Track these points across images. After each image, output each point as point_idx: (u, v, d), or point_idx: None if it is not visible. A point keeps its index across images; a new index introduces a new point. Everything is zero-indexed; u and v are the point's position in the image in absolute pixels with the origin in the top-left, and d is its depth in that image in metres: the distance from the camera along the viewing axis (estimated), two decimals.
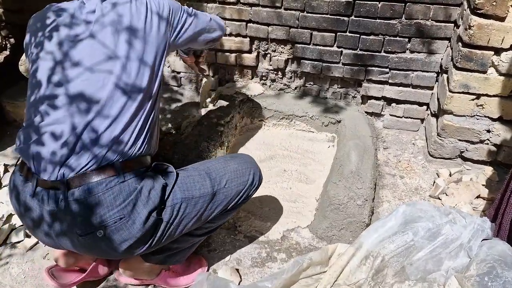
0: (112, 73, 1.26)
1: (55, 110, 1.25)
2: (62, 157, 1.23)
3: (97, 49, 1.28)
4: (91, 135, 1.24)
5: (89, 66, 1.26)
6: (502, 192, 1.62)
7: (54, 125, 1.24)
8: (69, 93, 1.25)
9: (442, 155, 2.35)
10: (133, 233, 1.26)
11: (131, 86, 1.28)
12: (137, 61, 1.30)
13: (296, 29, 2.45)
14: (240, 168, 1.55)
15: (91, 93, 1.24)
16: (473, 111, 2.17)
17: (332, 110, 2.56)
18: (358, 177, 1.96)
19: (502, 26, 1.90)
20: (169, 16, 1.44)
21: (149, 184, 1.30)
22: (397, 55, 2.39)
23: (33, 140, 1.26)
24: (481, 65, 2.03)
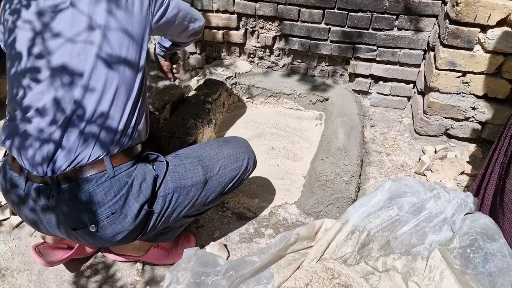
0: (93, 43, 1.21)
1: (37, 84, 1.21)
2: (52, 140, 1.19)
3: (77, 19, 1.22)
4: (79, 112, 1.20)
5: (69, 37, 1.21)
6: (485, 167, 1.65)
7: (38, 101, 1.21)
8: (51, 66, 1.20)
9: (428, 133, 2.38)
10: (125, 226, 1.26)
11: (114, 57, 1.24)
12: (118, 30, 1.24)
13: (284, 6, 2.43)
14: (234, 154, 1.53)
15: (74, 66, 1.20)
16: (459, 88, 2.19)
17: (320, 88, 2.56)
18: (345, 154, 1.98)
19: (489, 3, 1.91)
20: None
21: (140, 177, 1.28)
22: (385, 32, 2.38)
23: (19, 119, 1.22)
24: (468, 42, 2.04)
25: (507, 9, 1.90)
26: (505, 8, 1.90)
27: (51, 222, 1.26)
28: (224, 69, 2.65)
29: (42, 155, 1.20)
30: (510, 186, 1.43)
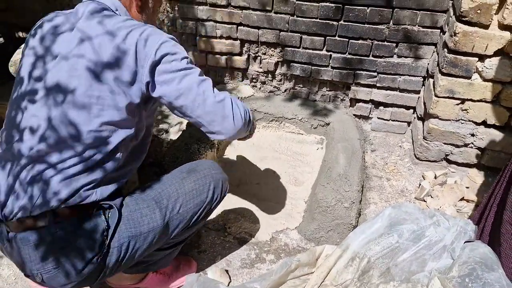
0: (83, 56, 1.19)
1: (33, 104, 1.21)
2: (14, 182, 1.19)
3: (73, 37, 1.22)
4: (70, 130, 1.19)
5: (64, 54, 1.21)
6: (487, 198, 1.67)
7: (32, 120, 1.21)
8: (46, 85, 1.21)
9: (428, 158, 2.40)
10: (72, 279, 1.21)
11: (102, 65, 1.19)
12: (110, 43, 1.20)
13: (286, 33, 2.49)
14: (197, 187, 1.42)
15: (67, 83, 1.19)
16: (458, 115, 2.22)
17: (321, 113, 2.60)
18: (345, 180, 2.00)
19: (486, 34, 1.96)
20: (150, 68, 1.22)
21: (87, 232, 1.20)
22: (385, 59, 2.43)
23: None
24: (466, 71, 2.08)
25: (504, 40, 1.94)
26: (502, 38, 1.94)
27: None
28: None
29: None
30: (507, 217, 1.45)
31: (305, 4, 2.36)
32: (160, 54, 1.20)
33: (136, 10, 1.38)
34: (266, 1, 2.40)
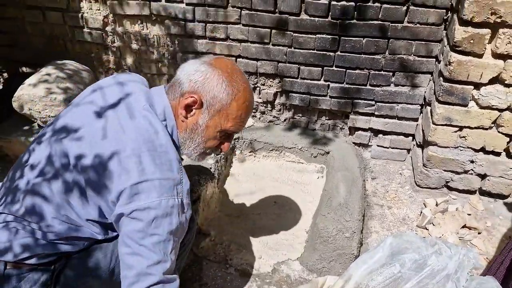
0: (92, 102, 1.28)
1: (39, 145, 1.28)
2: None
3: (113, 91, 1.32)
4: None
5: (76, 102, 1.32)
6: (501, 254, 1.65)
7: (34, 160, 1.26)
8: (55, 128, 1.28)
9: (429, 185, 2.40)
10: None
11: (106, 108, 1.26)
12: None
13: (284, 64, 2.53)
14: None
15: (72, 123, 1.26)
16: (457, 142, 2.24)
17: (321, 142, 2.62)
18: (346, 209, 2.00)
19: (480, 63, 1.99)
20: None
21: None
22: (382, 88, 2.47)
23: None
24: (462, 99, 2.10)
25: (498, 68, 1.98)
26: (496, 67, 1.98)
27: None
28: None
29: None
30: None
31: (302, 36, 2.41)
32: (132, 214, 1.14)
33: (182, 123, 1.32)
34: (264, 34, 2.46)
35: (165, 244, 1.15)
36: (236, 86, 1.29)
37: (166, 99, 1.30)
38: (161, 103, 1.29)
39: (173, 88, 1.31)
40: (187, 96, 1.27)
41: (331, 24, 2.33)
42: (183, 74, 1.29)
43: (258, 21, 2.43)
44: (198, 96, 1.26)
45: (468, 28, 1.93)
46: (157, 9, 2.54)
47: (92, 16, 2.69)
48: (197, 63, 1.30)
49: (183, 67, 1.31)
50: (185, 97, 1.27)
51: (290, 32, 2.42)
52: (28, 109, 2.37)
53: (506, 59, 1.96)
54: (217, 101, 1.28)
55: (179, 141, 1.34)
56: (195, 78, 1.26)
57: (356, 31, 2.32)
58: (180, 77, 1.29)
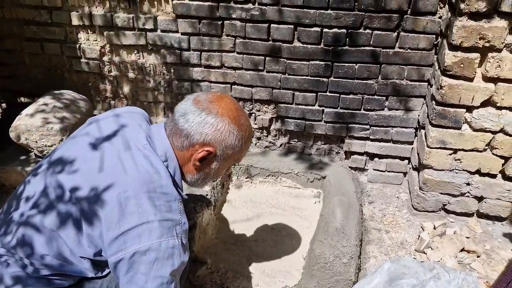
0: (88, 134, 1.31)
1: (34, 177, 1.29)
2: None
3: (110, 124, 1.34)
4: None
5: (73, 135, 1.34)
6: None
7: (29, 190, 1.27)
8: (50, 160, 1.29)
9: (426, 208, 2.40)
10: None
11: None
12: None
13: (278, 90, 2.56)
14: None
15: (68, 155, 1.27)
16: (452, 165, 2.24)
17: (317, 166, 2.63)
18: (343, 235, 1.99)
19: (471, 86, 2.02)
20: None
21: None
22: (376, 112, 2.49)
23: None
24: (455, 122, 2.12)
25: (489, 91, 2.00)
26: (487, 90, 2.00)
27: None
28: None
29: None
30: None
31: (295, 63, 2.45)
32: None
33: (193, 168, 1.35)
34: (258, 61, 2.50)
35: (168, 285, 1.15)
36: (244, 129, 1.32)
37: (167, 142, 1.30)
38: (161, 145, 1.30)
39: (178, 137, 1.29)
40: (198, 148, 1.28)
41: (323, 51, 2.37)
42: (188, 125, 1.27)
43: (252, 49, 2.47)
44: (213, 149, 1.28)
45: (457, 53, 1.97)
46: (153, 39, 2.58)
47: (89, 46, 2.74)
48: (201, 113, 1.27)
49: (187, 117, 1.27)
50: (196, 148, 1.28)
51: (284, 59, 2.46)
52: (25, 139, 2.38)
53: (496, 82, 1.99)
54: (230, 149, 1.31)
55: (188, 180, 1.38)
56: (205, 131, 1.26)
57: (349, 57, 2.36)
58: (186, 128, 1.27)
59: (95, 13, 2.61)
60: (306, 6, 2.29)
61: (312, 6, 2.28)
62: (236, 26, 2.43)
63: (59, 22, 2.72)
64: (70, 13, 2.66)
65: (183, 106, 1.30)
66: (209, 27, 2.47)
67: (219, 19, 2.44)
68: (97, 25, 2.65)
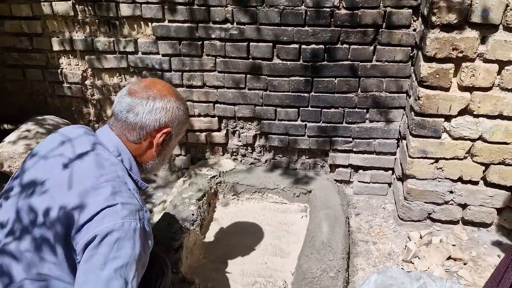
0: (63, 155, 1.24)
1: (6, 201, 1.25)
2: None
3: (55, 139, 1.31)
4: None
5: (43, 154, 1.27)
6: None
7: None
8: (22, 183, 1.25)
9: (411, 218, 2.41)
10: None
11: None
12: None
13: (261, 107, 2.59)
14: None
15: (40, 177, 1.23)
16: (434, 174, 2.27)
17: (302, 181, 2.64)
18: (329, 248, 2.00)
19: (447, 96, 2.06)
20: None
21: None
22: (358, 125, 2.52)
23: None
24: (435, 132, 2.16)
25: (465, 100, 2.04)
26: (463, 99, 2.04)
27: None
28: (209, 168, 2.74)
29: None
30: None
31: (276, 80, 2.48)
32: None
33: (154, 154, 1.37)
34: (239, 80, 2.52)
35: (127, 269, 1.11)
36: (184, 101, 1.40)
37: (116, 138, 1.31)
38: (111, 142, 1.31)
39: (132, 131, 1.31)
40: (155, 134, 1.32)
41: (303, 67, 2.41)
42: (140, 117, 1.29)
43: (233, 68, 2.50)
44: (170, 129, 1.34)
45: (432, 64, 2.01)
46: (134, 61, 2.60)
47: (71, 71, 2.75)
48: (147, 102, 1.30)
49: (135, 111, 1.29)
50: (154, 135, 1.32)
51: (265, 76, 2.49)
52: (8, 166, 2.37)
53: (472, 91, 2.03)
54: (181, 123, 1.39)
55: (149, 168, 1.39)
56: (158, 116, 1.31)
57: (328, 72, 2.40)
58: (139, 120, 1.30)
59: (76, 38, 2.63)
60: (283, 24, 2.33)
61: (289, 23, 2.32)
62: (216, 45, 2.46)
63: (40, 48, 2.73)
64: (50, 39, 2.68)
65: (124, 103, 1.31)
66: (189, 47, 2.49)
67: (199, 40, 2.47)
68: (78, 50, 2.66)
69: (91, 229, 1.11)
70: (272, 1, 2.28)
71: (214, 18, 2.39)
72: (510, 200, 2.23)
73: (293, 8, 2.28)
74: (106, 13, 2.50)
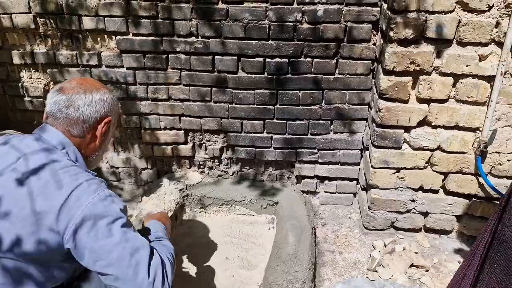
0: (15, 170, 1.20)
1: None
2: None
3: (9, 153, 1.25)
4: None
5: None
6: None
7: None
8: None
9: (376, 227, 2.46)
10: None
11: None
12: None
13: (227, 120, 2.60)
14: None
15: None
16: (396, 183, 2.33)
17: (269, 193, 2.66)
18: (295, 259, 2.01)
19: (406, 108, 2.12)
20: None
21: None
22: (323, 136, 2.57)
23: None
24: (395, 142, 2.22)
25: (424, 112, 2.12)
26: (422, 111, 2.12)
27: None
28: (176, 182, 2.72)
29: None
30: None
31: (241, 92, 2.50)
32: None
33: (97, 145, 1.40)
34: (204, 93, 2.53)
35: (127, 221, 1.23)
36: (111, 90, 1.50)
37: (59, 133, 1.31)
38: (54, 137, 1.30)
39: (76, 125, 1.33)
40: (97, 125, 1.37)
41: (267, 80, 2.44)
42: (81, 111, 1.32)
43: (198, 81, 2.51)
44: (110, 118, 1.40)
45: (391, 77, 2.07)
46: (98, 75, 2.57)
47: (32, 84, 2.69)
48: (85, 95, 1.33)
49: (75, 105, 1.31)
50: (96, 126, 1.37)
51: (230, 89, 2.50)
52: None
53: (429, 103, 2.11)
54: (116, 112, 1.46)
55: (92, 160, 1.44)
56: (98, 107, 1.35)
57: (292, 84, 2.44)
58: (80, 114, 1.32)
59: (37, 51, 2.58)
60: (248, 38, 2.36)
61: (254, 37, 2.35)
62: (181, 59, 2.46)
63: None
64: (11, 52, 2.61)
65: (61, 101, 1.32)
66: (154, 61, 2.49)
67: (163, 53, 2.47)
68: (40, 63, 2.61)
69: (74, 212, 1.15)
70: (236, 15, 2.31)
71: (179, 32, 2.40)
72: (468, 208, 2.31)
73: (257, 23, 2.32)
74: (69, 26, 2.46)
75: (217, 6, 2.31)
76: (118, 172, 2.90)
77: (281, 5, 2.27)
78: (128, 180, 2.92)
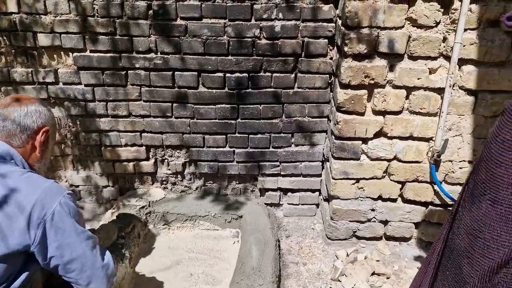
0: None
1: None
2: None
3: None
4: None
5: None
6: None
7: None
8: None
9: (338, 237, 2.51)
10: None
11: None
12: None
13: (189, 135, 2.60)
14: None
15: None
16: (356, 194, 2.39)
17: (233, 206, 2.66)
18: (259, 273, 2.02)
19: (363, 120, 2.19)
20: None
21: None
22: (284, 149, 2.60)
23: None
24: (354, 153, 2.28)
25: (379, 123, 2.19)
26: (377, 122, 2.19)
27: None
28: (138, 199, 2.68)
29: None
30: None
31: (202, 107, 2.51)
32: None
33: (38, 156, 1.44)
34: (165, 108, 2.52)
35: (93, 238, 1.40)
36: (48, 106, 1.53)
37: (3, 144, 1.35)
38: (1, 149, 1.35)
39: (14, 136, 1.37)
40: (35, 136, 1.41)
41: (228, 94, 2.46)
42: (17, 122, 1.37)
43: (159, 97, 2.50)
44: (47, 128, 1.44)
45: (347, 91, 2.14)
46: (55, 92, 2.52)
47: None
48: (20, 108, 1.39)
49: (11, 117, 1.36)
50: (34, 138, 1.41)
51: (191, 104, 2.51)
52: None
53: (385, 115, 2.18)
54: (53, 125, 1.50)
55: (38, 169, 1.46)
56: (34, 118, 1.40)
57: (253, 99, 2.47)
58: (17, 125, 1.37)
59: None
60: (207, 53, 2.37)
61: (213, 53, 2.37)
62: (140, 75, 2.45)
63: None
64: None
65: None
66: (113, 77, 2.46)
67: (122, 69, 2.45)
68: None
69: (42, 214, 1.25)
70: (195, 31, 2.33)
71: (138, 48, 2.39)
72: (426, 215, 2.39)
73: (216, 38, 2.34)
74: (23, 43, 2.41)
75: (175, 22, 2.32)
76: (78, 190, 2.83)
77: (239, 21, 2.31)
78: (88, 198, 2.86)
